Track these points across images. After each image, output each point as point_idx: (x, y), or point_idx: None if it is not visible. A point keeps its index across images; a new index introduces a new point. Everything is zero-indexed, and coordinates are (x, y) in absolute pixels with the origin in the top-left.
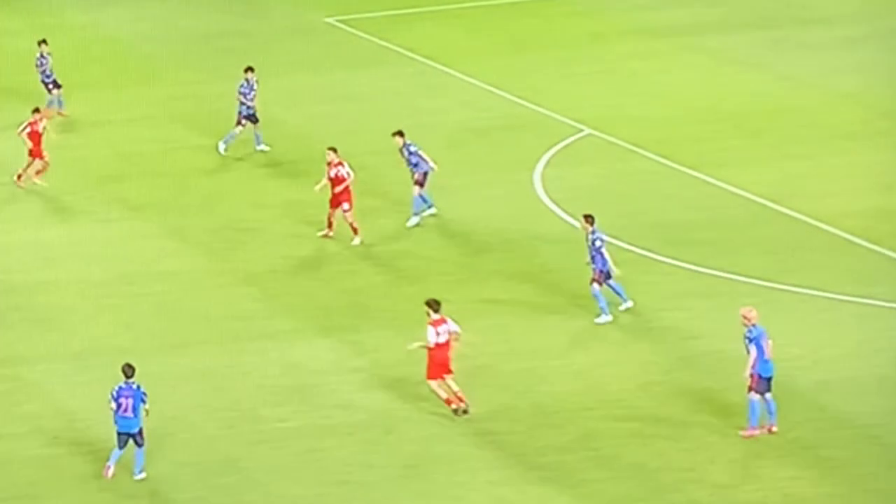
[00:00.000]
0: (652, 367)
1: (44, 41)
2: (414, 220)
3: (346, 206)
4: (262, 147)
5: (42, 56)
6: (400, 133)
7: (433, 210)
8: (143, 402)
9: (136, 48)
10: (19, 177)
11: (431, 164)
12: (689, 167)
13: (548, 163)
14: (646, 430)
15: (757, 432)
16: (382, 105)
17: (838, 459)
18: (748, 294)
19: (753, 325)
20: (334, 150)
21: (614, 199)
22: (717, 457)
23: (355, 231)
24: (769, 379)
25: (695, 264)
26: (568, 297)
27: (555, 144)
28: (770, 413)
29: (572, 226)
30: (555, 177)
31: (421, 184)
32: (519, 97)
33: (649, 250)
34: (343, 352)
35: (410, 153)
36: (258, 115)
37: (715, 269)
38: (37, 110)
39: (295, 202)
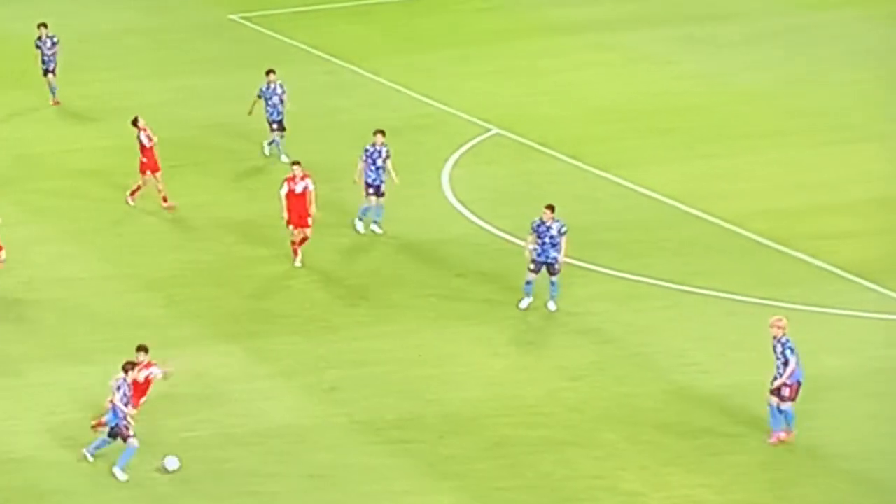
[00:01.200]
0: (563, 373)
1: (44, 24)
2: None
3: (310, 220)
4: (284, 158)
5: (40, 39)
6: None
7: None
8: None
9: (31, 46)
10: (132, 193)
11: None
12: (599, 167)
13: (456, 163)
14: (556, 437)
15: (785, 436)
16: (290, 104)
17: (747, 465)
18: (658, 297)
19: (785, 335)
20: (299, 163)
21: (523, 200)
22: (628, 464)
23: (297, 250)
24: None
25: (605, 267)
26: (477, 300)
27: (462, 144)
28: (789, 420)
29: (480, 227)
30: (463, 177)
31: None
32: (426, 96)
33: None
34: (249, 359)
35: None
36: (285, 122)
37: (625, 272)
38: (136, 121)
39: (199, 205)
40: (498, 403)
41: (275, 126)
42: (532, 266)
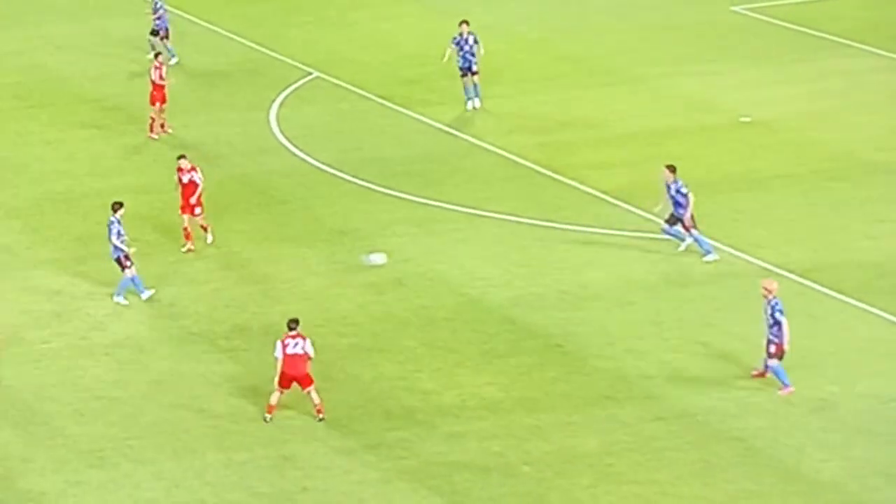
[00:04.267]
0: (370, 288)
1: None
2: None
3: (197, 210)
4: (474, 103)
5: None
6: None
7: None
8: (119, 233)
9: None
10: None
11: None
12: (403, 106)
13: (282, 103)
14: (364, 344)
15: (792, 389)
16: (129, 53)
17: (526, 366)
18: (452, 220)
19: (775, 297)
20: (185, 156)
21: (340, 135)
22: (424, 367)
23: (206, 229)
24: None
25: (408, 194)
26: (299, 226)
27: (288, 86)
28: (778, 375)
29: (304, 160)
30: (288, 116)
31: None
32: (255, 43)
33: (369, 181)
34: (98, 279)
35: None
36: (476, 67)
37: (425, 198)
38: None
39: (55, 141)
40: (313, 315)
41: (462, 72)
42: (680, 221)
